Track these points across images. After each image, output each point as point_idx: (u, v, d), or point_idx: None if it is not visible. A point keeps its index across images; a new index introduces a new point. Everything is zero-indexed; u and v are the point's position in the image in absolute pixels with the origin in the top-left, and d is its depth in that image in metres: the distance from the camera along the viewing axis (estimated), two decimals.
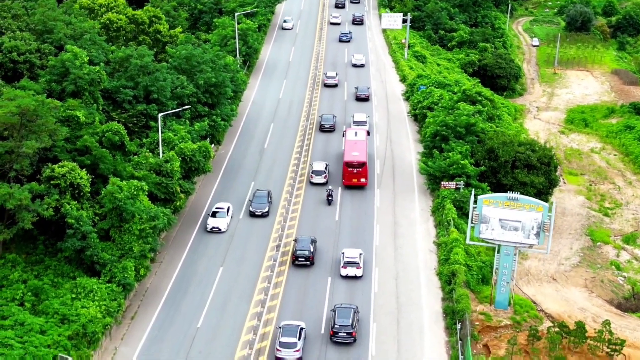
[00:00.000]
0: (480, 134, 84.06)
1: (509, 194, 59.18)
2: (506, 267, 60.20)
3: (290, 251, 68.23)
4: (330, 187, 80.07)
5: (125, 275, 60.05)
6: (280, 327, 55.98)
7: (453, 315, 59.23)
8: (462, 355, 54.55)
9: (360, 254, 66.03)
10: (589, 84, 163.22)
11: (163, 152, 73.04)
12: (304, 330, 55.88)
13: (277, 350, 54.17)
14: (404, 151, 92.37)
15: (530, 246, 59.59)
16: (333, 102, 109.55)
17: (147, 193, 65.05)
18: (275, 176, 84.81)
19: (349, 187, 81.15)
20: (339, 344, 56.02)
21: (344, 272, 64.54)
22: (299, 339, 54.30)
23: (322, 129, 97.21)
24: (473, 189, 65.07)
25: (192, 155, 73.50)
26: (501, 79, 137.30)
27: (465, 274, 63.07)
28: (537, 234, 58.67)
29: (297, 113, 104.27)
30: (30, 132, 59.43)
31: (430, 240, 72.07)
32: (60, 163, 61.80)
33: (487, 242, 61.35)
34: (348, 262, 64.64)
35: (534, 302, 63.98)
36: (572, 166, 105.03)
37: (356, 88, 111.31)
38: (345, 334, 55.57)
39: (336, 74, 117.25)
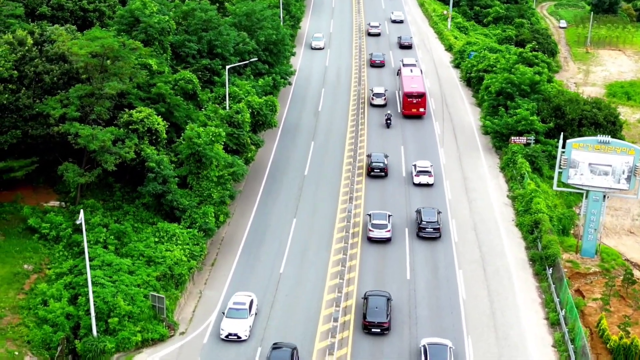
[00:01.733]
0: (545, 93, 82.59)
1: (600, 137, 57.92)
2: (594, 213, 58.98)
3: (364, 165, 74.90)
4: (389, 111, 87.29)
5: (206, 220, 59.03)
6: (369, 215, 62.89)
7: (541, 262, 57.99)
8: (557, 297, 53.35)
9: (431, 165, 72.74)
10: (622, 62, 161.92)
11: (229, 107, 71.92)
12: (390, 217, 63.01)
13: (370, 230, 61.42)
14: (461, 113, 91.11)
15: (620, 191, 58.34)
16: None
17: (222, 142, 63.98)
18: (334, 132, 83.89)
19: (408, 116, 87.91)
20: (425, 239, 62.07)
21: (416, 180, 71.09)
22: (389, 222, 61.65)
23: (373, 65, 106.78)
24: (562, 132, 63.21)
25: (260, 109, 72.39)
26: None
27: (549, 223, 61.78)
28: (628, 179, 57.46)
29: (346, 80, 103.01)
30: (111, 74, 58.36)
31: (504, 194, 70.84)
32: (137, 108, 60.77)
33: (575, 188, 60.10)
34: (421, 171, 71.18)
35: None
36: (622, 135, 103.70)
37: (399, 37, 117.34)
38: (432, 229, 61.43)
39: (379, 24, 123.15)
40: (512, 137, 75.85)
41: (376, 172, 72.61)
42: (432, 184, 70.62)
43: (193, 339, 50.48)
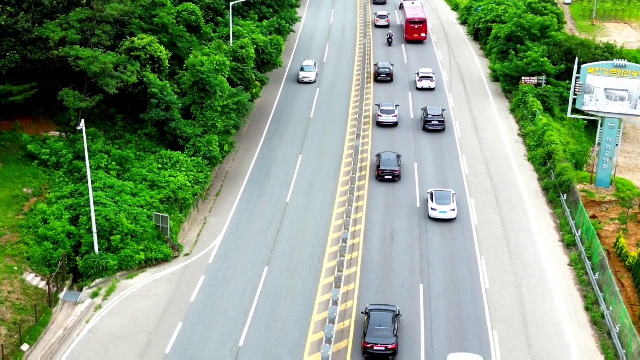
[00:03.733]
0: (555, 38, 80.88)
1: (616, 61, 56.25)
2: (609, 141, 57.38)
3: (371, 72, 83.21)
4: (390, 31, 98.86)
5: (210, 148, 57.47)
6: (378, 104, 71.31)
7: (555, 189, 56.40)
8: (572, 220, 51.77)
9: (432, 73, 79.71)
10: (629, 34, 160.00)
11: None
12: (397, 106, 70.82)
13: (379, 115, 69.09)
14: (469, 63, 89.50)
15: (636, 117, 56.71)
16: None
17: (226, 75, 62.32)
18: (339, 81, 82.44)
19: (410, 41, 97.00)
20: (431, 131, 68.01)
21: (419, 84, 78.42)
22: (395, 109, 69.57)
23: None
24: (577, 57, 61.40)
25: (264, 47, 70.70)
26: None
27: (562, 153, 60.15)
28: None
29: (351, 37, 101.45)
30: None
31: (514, 133, 69.24)
32: (139, 35, 59.11)
33: (590, 115, 58.45)
34: (423, 77, 78.54)
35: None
36: None
37: None
38: (437, 122, 67.26)
39: None
40: (523, 78, 74.17)
41: (382, 77, 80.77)
42: (433, 88, 78.46)
43: (198, 259, 48.99)
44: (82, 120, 44.89)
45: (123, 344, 40.53)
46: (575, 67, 57.00)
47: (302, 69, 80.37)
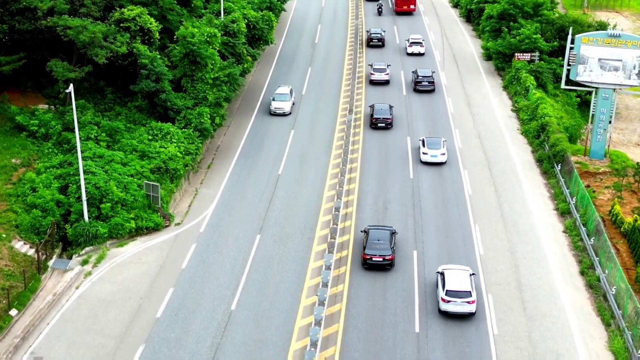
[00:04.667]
0: (548, 16, 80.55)
1: (610, 31, 55.88)
2: (604, 112, 56.99)
3: (363, 39, 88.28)
4: (380, 1, 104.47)
5: (202, 120, 56.83)
6: (371, 64, 75.29)
7: (549, 160, 56.07)
8: (567, 189, 51.43)
9: (423, 40, 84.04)
10: (620, 22, 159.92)
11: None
12: (389, 65, 75.44)
13: (371, 74, 73.14)
14: (461, 44, 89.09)
15: (631, 88, 56.37)
16: None
17: (217, 48, 61.61)
18: (331, 61, 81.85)
19: (399, 13, 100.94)
20: (422, 92, 71.52)
21: (409, 50, 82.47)
22: (388, 67, 74.11)
23: None
24: (570, 28, 61.02)
25: (256, 23, 70.05)
26: None
27: (556, 125, 59.80)
28: (639, 74, 55.38)
29: (343, 18, 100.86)
30: None
31: (508, 108, 68.91)
32: (129, 6, 58.35)
33: (585, 86, 58.08)
34: (413, 42, 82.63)
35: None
36: None
37: None
38: (427, 83, 70.52)
39: None
40: (516, 54, 73.81)
41: (374, 42, 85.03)
42: (423, 54, 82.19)
43: (189, 228, 48.41)
44: (71, 84, 44.09)
45: (113, 309, 39.92)
46: (570, 37, 56.54)
47: (274, 99, 65.76)
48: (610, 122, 57.72)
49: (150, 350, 36.48)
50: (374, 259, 42.36)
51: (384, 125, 62.14)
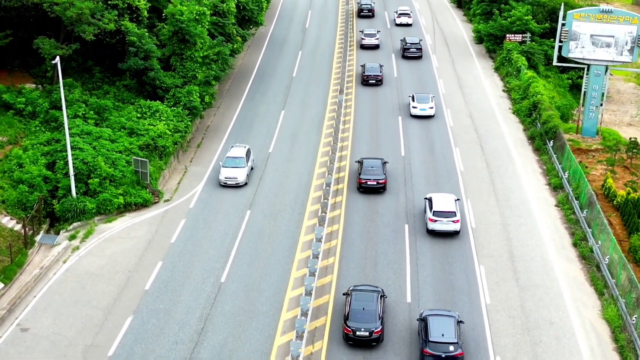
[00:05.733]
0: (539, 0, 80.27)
1: (602, 6, 55.59)
2: (596, 89, 56.74)
3: (353, 10, 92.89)
4: None
5: (191, 99, 56.26)
6: (361, 30, 79.89)
7: (541, 137, 55.78)
8: (559, 164, 51.14)
9: (410, 11, 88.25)
10: None
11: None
12: (379, 32, 79.67)
13: (362, 39, 77.55)
14: (452, 28, 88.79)
15: (622, 64, 56.12)
16: None
17: (206, 27, 60.98)
18: (322, 43, 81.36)
19: None
20: (410, 58, 75.50)
21: (398, 21, 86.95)
22: (377, 33, 78.54)
23: None
24: (562, 4, 60.81)
25: (246, 4, 69.47)
26: None
27: (548, 102, 59.50)
28: (631, 50, 55.21)
29: (333, 5, 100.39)
30: None
31: (499, 89, 68.62)
32: None
33: (576, 62, 57.79)
34: (402, 14, 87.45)
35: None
36: None
37: None
38: (415, 49, 74.39)
39: None
40: (508, 35, 73.50)
41: (365, 13, 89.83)
42: (411, 24, 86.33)
43: (179, 204, 47.89)
44: (58, 57, 43.43)
45: (101, 282, 39.38)
46: (561, 14, 56.23)
47: (225, 165, 50.00)
48: (601, 104, 57.42)
49: (139, 321, 35.97)
50: (368, 182, 47.33)
51: (374, 82, 67.14)
